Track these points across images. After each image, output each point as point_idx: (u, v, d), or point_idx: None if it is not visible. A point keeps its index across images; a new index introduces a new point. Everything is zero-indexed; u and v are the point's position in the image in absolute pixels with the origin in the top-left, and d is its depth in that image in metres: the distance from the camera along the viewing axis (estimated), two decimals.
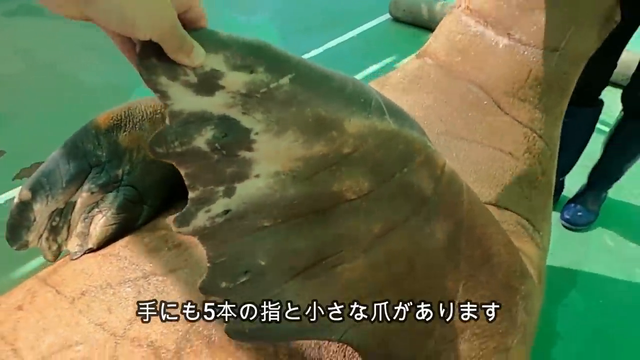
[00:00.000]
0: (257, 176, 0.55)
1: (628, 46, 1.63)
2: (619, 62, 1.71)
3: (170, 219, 0.56)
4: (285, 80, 0.53)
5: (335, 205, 0.59)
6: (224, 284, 0.59)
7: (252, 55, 0.51)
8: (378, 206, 0.61)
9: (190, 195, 0.54)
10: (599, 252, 2.03)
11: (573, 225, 2.10)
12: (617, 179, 2.06)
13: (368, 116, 0.58)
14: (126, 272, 0.84)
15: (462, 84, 1.09)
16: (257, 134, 0.53)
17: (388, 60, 3.37)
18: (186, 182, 0.54)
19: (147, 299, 0.79)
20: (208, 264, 0.58)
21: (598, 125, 1.96)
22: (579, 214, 2.11)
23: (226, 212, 0.56)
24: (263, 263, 0.59)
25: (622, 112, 1.88)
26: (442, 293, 0.71)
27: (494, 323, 0.77)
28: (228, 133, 0.52)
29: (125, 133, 0.93)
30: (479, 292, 0.75)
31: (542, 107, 1.07)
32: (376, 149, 0.59)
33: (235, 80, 0.51)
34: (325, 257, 0.61)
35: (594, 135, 1.97)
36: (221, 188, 0.55)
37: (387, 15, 3.89)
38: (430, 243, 0.67)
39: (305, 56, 3.40)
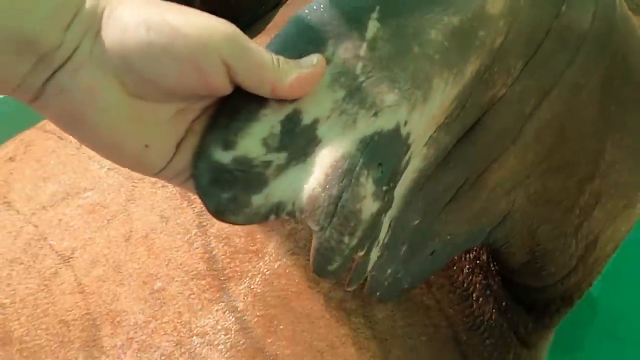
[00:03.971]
0: (409, 160, 0.40)
1: None
2: None
3: None
4: (372, 27, 0.34)
5: (484, 114, 0.45)
6: (389, 271, 0.47)
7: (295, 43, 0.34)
8: (531, 79, 0.46)
9: (360, 253, 0.40)
10: None
11: None
12: None
13: None
14: None
15: None
16: (406, 123, 0.37)
17: None
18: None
19: None
20: (372, 273, 0.46)
21: None
22: None
23: (390, 224, 0.42)
24: (416, 222, 0.46)
25: None
26: (590, 156, 0.56)
27: (631, 174, 0.61)
28: (383, 160, 0.36)
29: None
30: (627, 143, 0.58)
31: None
32: (531, 7, 0.42)
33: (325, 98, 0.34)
34: (473, 171, 0.49)
35: None
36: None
37: None
38: (584, 96, 0.51)
39: None
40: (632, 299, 1.26)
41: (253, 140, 0.31)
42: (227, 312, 0.50)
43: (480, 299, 0.61)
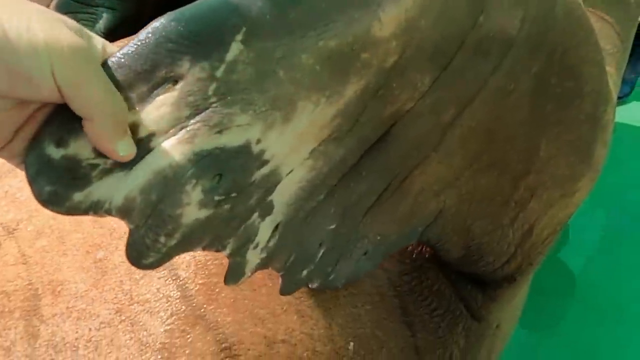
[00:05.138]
0: (290, 172, 0.41)
1: None
2: None
3: None
4: (234, 49, 0.33)
5: (392, 126, 0.45)
6: (304, 273, 0.48)
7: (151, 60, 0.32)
8: (446, 91, 0.46)
9: (224, 253, 0.41)
10: (633, 126, 1.84)
11: None
12: None
13: None
14: None
15: None
16: (259, 141, 0.37)
17: None
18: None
19: None
20: (281, 274, 0.46)
21: None
22: None
23: (276, 227, 0.43)
24: (332, 227, 0.47)
25: None
26: (523, 155, 0.57)
27: (568, 167, 0.61)
28: (223, 172, 0.36)
29: None
30: (565, 138, 0.58)
31: None
32: (434, 26, 0.41)
33: (159, 113, 0.33)
34: (393, 178, 0.49)
35: None
36: (254, 217, 0.41)
37: None
38: (512, 100, 0.51)
39: None
40: (607, 273, 1.37)
41: (85, 143, 0.32)
42: (169, 280, 0.49)
43: (430, 270, 0.61)
